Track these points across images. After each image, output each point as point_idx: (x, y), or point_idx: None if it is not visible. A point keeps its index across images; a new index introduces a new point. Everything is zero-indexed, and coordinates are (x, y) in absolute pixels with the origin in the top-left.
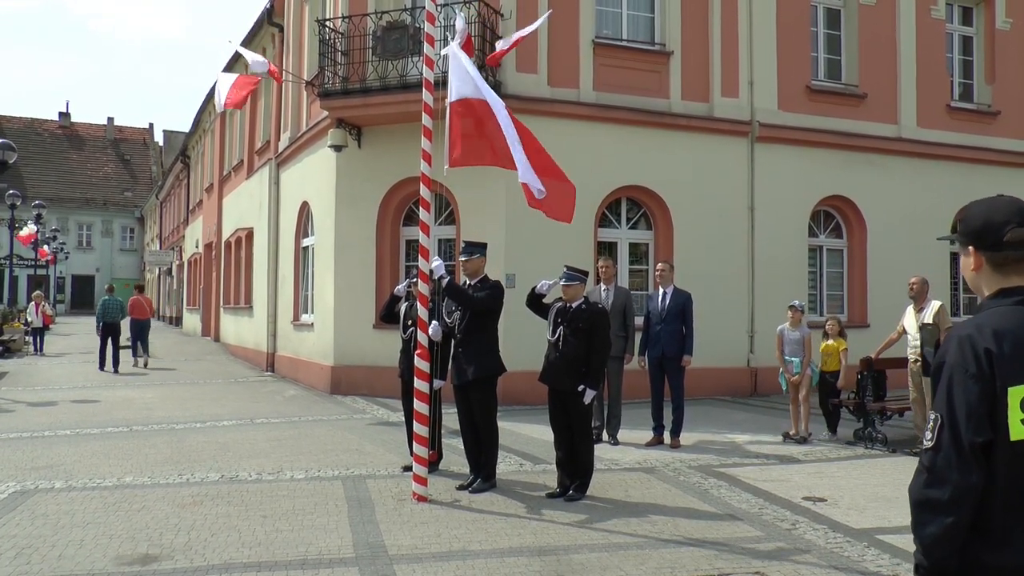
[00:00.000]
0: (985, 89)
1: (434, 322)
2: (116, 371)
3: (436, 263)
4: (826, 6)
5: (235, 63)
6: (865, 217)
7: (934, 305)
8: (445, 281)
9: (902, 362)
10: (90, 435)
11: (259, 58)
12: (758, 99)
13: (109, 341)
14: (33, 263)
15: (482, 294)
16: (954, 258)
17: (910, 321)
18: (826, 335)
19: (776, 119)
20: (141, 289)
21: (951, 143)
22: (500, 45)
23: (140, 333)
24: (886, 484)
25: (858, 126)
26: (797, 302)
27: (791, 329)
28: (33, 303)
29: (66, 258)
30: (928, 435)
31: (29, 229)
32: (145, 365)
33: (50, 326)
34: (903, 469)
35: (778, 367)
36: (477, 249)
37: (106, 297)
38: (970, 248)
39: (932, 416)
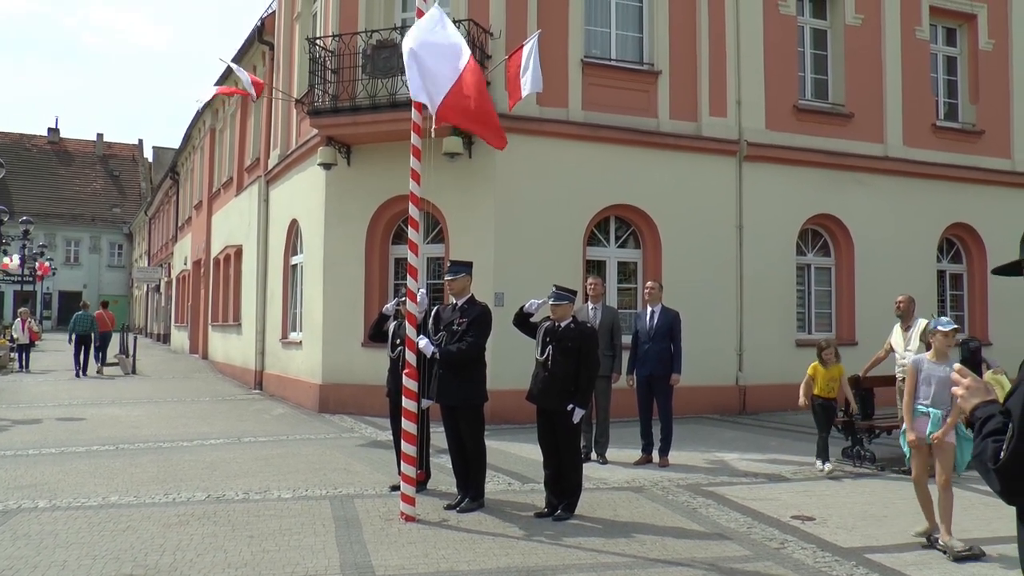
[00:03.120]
0: (969, 108)
1: (422, 338)
2: (84, 375)
3: (423, 343)
4: (812, 26)
5: (226, 79)
6: (852, 235)
7: (921, 323)
8: (438, 356)
9: (890, 380)
10: (75, 453)
11: (244, 74)
12: (746, 118)
13: (82, 350)
14: (20, 279)
15: (470, 340)
16: (941, 276)
17: (897, 339)
18: (824, 360)
19: (764, 138)
20: (106, 305)
21: (937, 162)
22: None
23: (103, 344)
24: (875, 503)
25: (845, 145)
26: (946, 320)
27: (936, 362)
28: (19, 319)
29: (53, 274)
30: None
31: (11, 260)
32: (101, 372)
33: (36, 343)
34: (892, 487)
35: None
36: (462, 268)
37: (79, 312)
38: None
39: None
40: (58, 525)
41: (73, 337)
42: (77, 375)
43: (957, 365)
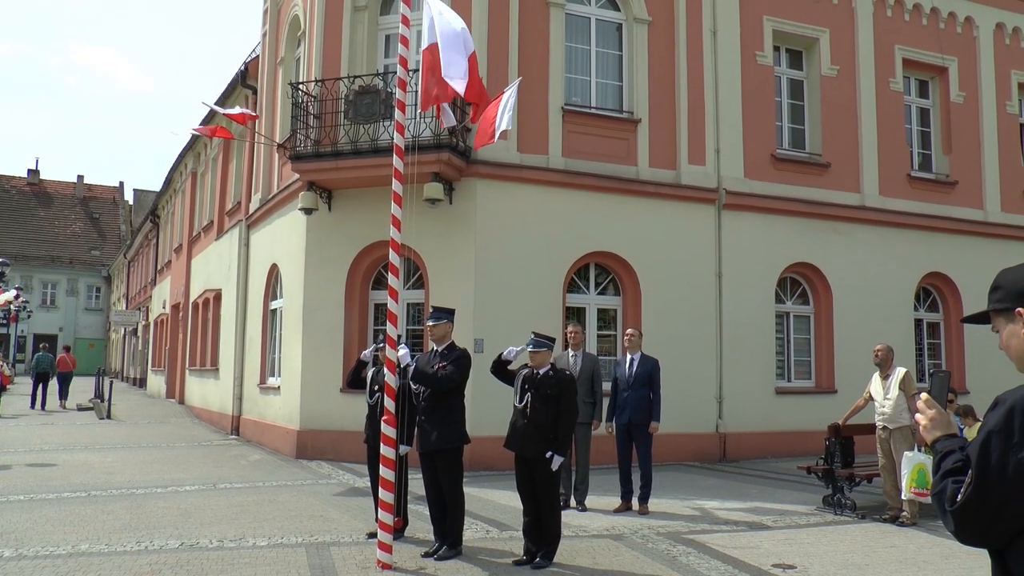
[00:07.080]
0: (943, 159)
1: (402, 347)
2: (44, 409)
3: (403, 352)
4: (789, 77)
5: (210, 121)
6: (831, 284)
7: (899, 372)
8: (411, 369)
9: (870, 428)
10: (45, 500)
11: (229, 110)
12: (724, 167)
13: (40, 386)
14: None
15: (448, 371)
16: (918, 325)
17: (876, 388)
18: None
19: (742, 187)
20: (68, 349)
21: (912, 212)
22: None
23: (65, 382)
24: (855, 551)
25: (822, 194)
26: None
27: None
28: None
29: (28, 317)
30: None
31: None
32: (63, 407)
33: (8, 387)
34: (872, 535)
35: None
36: (444, 315)
37: (40, 353)
38: (1019, 311)
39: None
40: (24, 575)
41: (34, 375)
42: (32, 407)
43: (924, 395)
